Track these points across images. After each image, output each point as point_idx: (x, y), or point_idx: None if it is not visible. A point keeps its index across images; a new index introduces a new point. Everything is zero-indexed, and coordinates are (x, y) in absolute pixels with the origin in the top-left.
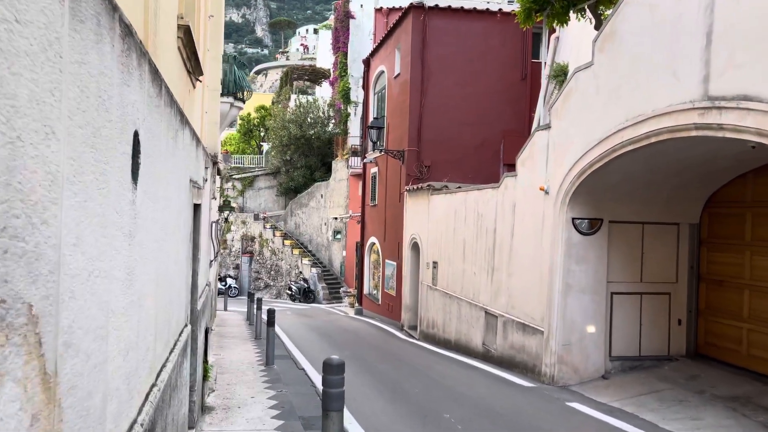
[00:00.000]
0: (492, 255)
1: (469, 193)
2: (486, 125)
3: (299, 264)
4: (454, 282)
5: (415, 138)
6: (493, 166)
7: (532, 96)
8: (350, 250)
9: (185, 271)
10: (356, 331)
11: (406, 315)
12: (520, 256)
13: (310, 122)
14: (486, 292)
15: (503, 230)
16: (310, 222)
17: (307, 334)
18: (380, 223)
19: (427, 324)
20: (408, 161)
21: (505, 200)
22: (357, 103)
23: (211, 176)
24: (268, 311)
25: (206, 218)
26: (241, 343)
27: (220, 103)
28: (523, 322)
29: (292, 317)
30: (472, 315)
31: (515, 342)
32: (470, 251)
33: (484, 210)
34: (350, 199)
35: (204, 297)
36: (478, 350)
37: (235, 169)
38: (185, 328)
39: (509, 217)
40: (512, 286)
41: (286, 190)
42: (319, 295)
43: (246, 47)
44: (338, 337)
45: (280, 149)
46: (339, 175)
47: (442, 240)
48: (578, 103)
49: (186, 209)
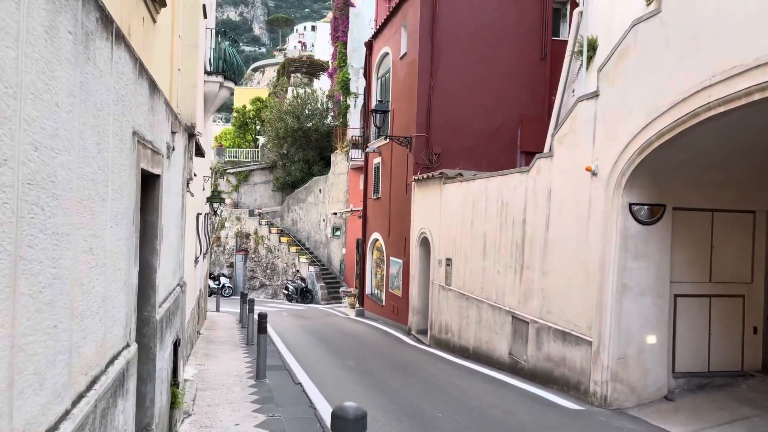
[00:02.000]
0: (521, 250)
1: (491, 179)
2: (501, 109)
3: (296, 262)
4: (472, 281)
5: (423, 123)
6: (509, 155)
7: (552, 77)
8: (350, 248)
9: (123, 265)
10: (359, 335)
11: (414, 318)
12: (558, 251)
13: (308, 114)
14: (513, 294)
15: (535, 221)
16: (308, 218)
17: (305, 338)
18: (384, 218)
19: (439, 328)
20: (416, 149)
21: (537, 186)
22: (357, 94)
23: (187, 150)
24: (259, 315)
25: (176, 199)
26: (230, 350)
27: (207, 82)
28: (562, 329)
29: (289, 319)
30: (496, 320)
31: (553, 353)
32: (492, 246)
33: (511, 198)
34: (350, 193)
35: (172, 301)
36: (503, 361)
37: (229, 163)
38: (125, 351)
39: (543, 205)
40: (548, 287)
41: (283, 185)
42: (318, 296)
43: (244, 45)
44: (340, 343)
45: (276, 142)
46: (338, 169)
47: (456, 234)
48: (639, 62)
49: (125, 173)
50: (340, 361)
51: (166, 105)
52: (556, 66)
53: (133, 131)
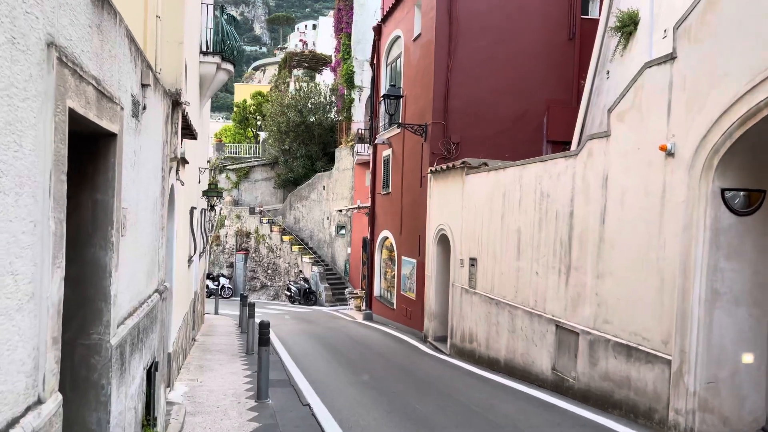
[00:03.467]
0: (566, 248)
1: (527, 167)
2: (526, 95)
3: (299, 262)
4: (502, 284)
5: (440, 109)
6: (534, 144)
7: (581, 59)
8: (356, 247)
9: (24, 267)
10: (370, 342)
11: (430, 323)
12: (618, 250)
13: (311, 108)
14: (557, 299)
15: (586, 214)
16: (311, 216)
17: (311, 346)
18: (395, 214)
19: (461, 336)
20: (432, 137)
21: (588, 172)
22: (361, 87)
23: (171, 122)
24: (260, 324)
25: (151, 180)
26: (227, 361)
27: (203, 63)
28: (626, 343)
29: (292, 323)
30: (534, 329)
31: (612, 371)
32: (528, 244)
33: (552, 188)
34: (356, 190)
35: (144, 314)
36: (544, 377)
37: (229, 159)
38: (29, 415)
39: (597, 195)
40: (605, 292)
41: (285, 182)
42: (321, 297)
43: (244, 45)
44: (350, 352)
45: (278, 137)
46: (343, 164)
47: (482, 230)
48: (737, 9)
49: (28, 104)
50: (353, 375)
51: (130, 41)
52: (585, 47)
53: (49, 41)
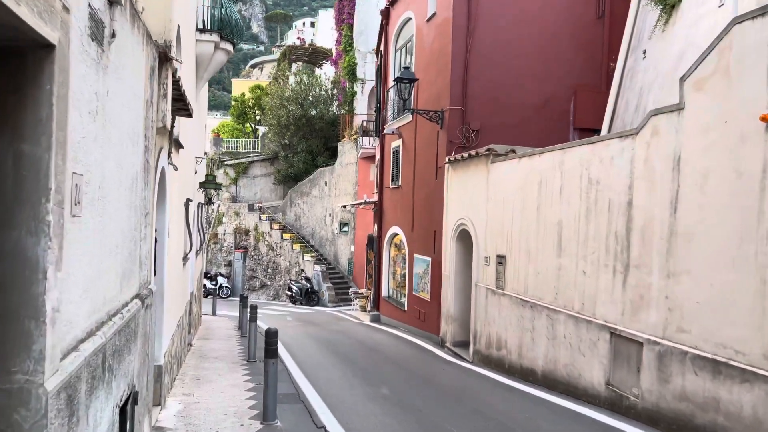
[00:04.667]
0: (623, 243)
1: (569, 151)
2: (551, 79)
3: (300, 261)
4: (538, 285)
5: (458, 94)
6: (560, 132)
7: (611, 40)
8: (359, 245)
9: None
10: (382, 348)
11: (449, 327)
12: (698, 244)
13: (312, 101)
14: (611, 303)
15: (650, 203)
16: (313, 213)
17: (318, 352)
18: (406, 209)
19: (487, 342)
20: (449, 125)
21: (653, 154)
22: (364, 80)
23: (156, 77)
24: (267, 333)
25: (124, 144)
26: (227, 371)
27: (200, 41)
28: (712, 357)
29: (295, 325)
30: (581, 336)
31: (692, 390)
32: (572, 239)
33: (604, 174)
34: (360, 185)
35: (115, 330)
36: (595, 392)
37: (227, 154)
38: None
39: (666, 179)
40: (679, 295)
41: (285, 178)
42: (324, 297)
43: (242, 43)
44: (362, 359)
45: (278, 131)
46: (346, 159)
47: (513, 225)
48: None
49: None
50: (370, 388)
51: None
52: (615, 26)
53: None
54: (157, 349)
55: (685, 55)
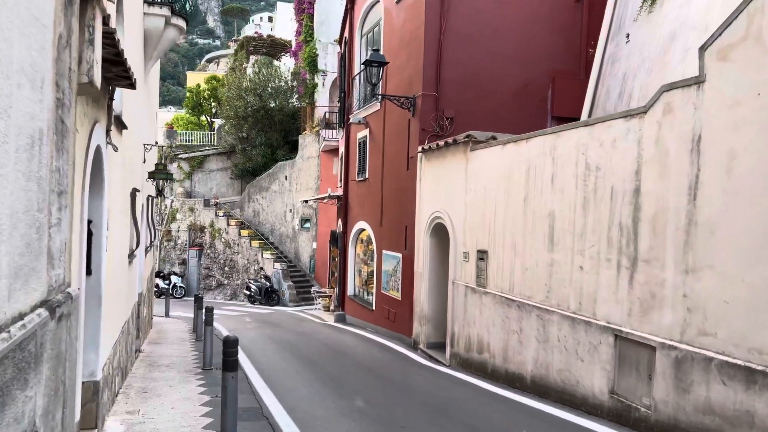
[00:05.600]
0: (630, 235)
1: (564, 134)
2: (529, 64)
3: (259, 258)
4: (526, 282)
5: (432, 79)
6: (537, 120)
7: (590, 25)
8: (322, 241)
9: None
10: (351, 351)
11: (422, 328)
12: (724, 235)
13: (271, 92)
14: (616, 302)
15: (663, 189)
16: (272, 209)
17: (281, 357)
18: (373, 203)
19: (467, 345)
20: (422, 112)
21: (666, 134)
22: (326, 71)
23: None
24: (225, 342)
25: (20, 74)
26: (180, 381)
27: (148, 15)
28: (744, 364)
29: (254, 327)
30: (579, 339)
31: (720, 401)
32: (567, 231)
33: (605, 159)
34: (322, 179)
35: None
36: (596, 402)
37: (181, 147)
38: None
39: (683, 162)
40: (701, 293)
41: (243, 172)
42: (285, 296)
43: (197, 38)
44: (331, 366)
45: (235, 123)
46: (307, 152)
47: (495, 217)
48: None
49: None
50: (343, 400)
51: None
52: (594, 11)
53: None
54: (93, 363)
55: (677, 36)
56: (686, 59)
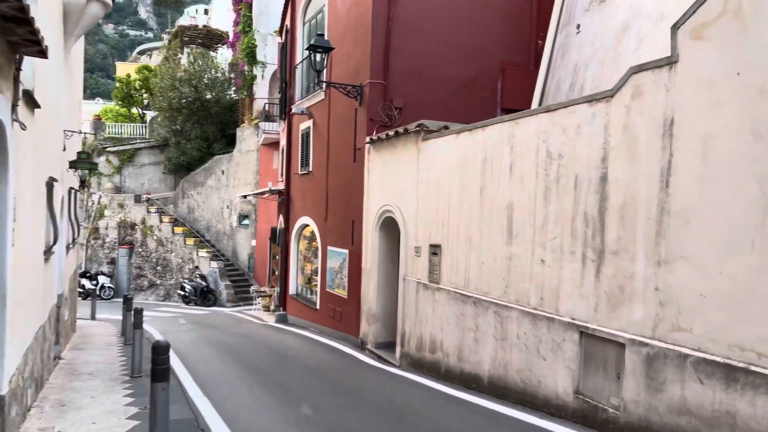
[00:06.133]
0: (596, 226)
1: (523, 121)
2: (479, 54)
3: (194, 257)
4: (483, 277)
5: (380, 67)
6: (488, 112)
7: (539, 17)
8: (262, 239)
9: None
10: (295, 353)
11: (370, 327)
12: (700, 224)
13: (207, 83)
14: (581, 297)
15: (633, 177)
16: (208, 205)
17: (220, 361)
18: (318, 197)
19: (418, 344)
20: (369, 101)
21: (635, 118)
22: (265, 63)
23: None
24: (154, 349)
25: None
26: (104, 391)
27: None
28: (724, 361)
29: (189, 329)
30: (540, 336)
31: (697, 401)
32: (527, 223)
33: (568, 146)
34: (262, 174)
35: None
36: (560, 403)
37: (110, 140)
38: None
39: (653, 147)
40: (675, 286)
41: (177, 167)
42: (222, 296)
43: (128, 29)
44: (274, 369)
45: (169, 115)
46: (246, 146)
47: (450, 209)
48: None
49: None
50: (289, 408)
51: None
52: (544, 2)
53: None
54: None
55: (631, 25)
56: (641, 48)
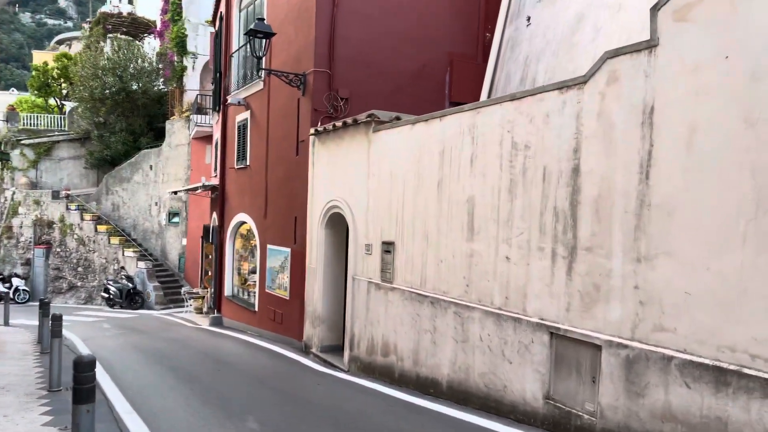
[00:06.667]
0: (568, 221)
1: (483, 111)
2: (427, 45)
3: (120, 257)
4: (441, 276)
5: (324, 55)
6: (436, 105)
7: (487, 8)
8: (193, 237)
9: None
10: (233, 359)
11: (315, 330)
12: (684, 218)
13: (134, 73)
14: (551, 295)
15: (609, 168)
16: (135, 202)
17: (150, 371)
18: (256, 193)
19: (369, 347)
20: (314, 91)
21: (611, 106)
22: (196, 54)
23: None
24: (76, 366)
25: None
26: (18, 409)
27: None
28: (713, 363)
29: (115, 335)
30: (506, 338)
31: (683, 407)
32: (489, 218)
33: (535, 137)
34: (193, 169)
35: None
36: (529, 409)
37: (25, 132)
38: None
39: (631, 137)
40: (657, 284)
41: (100, 161)
42: (150, 299)
43: (46, 18)
44: (212, 378)
45: (90, 106)
46: (176, 140)
47: (404, 205)
48: None
49: None
50: (232, 422)
51: None
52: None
53: None
54: None
55: (586, 16)
56: (597, 39)
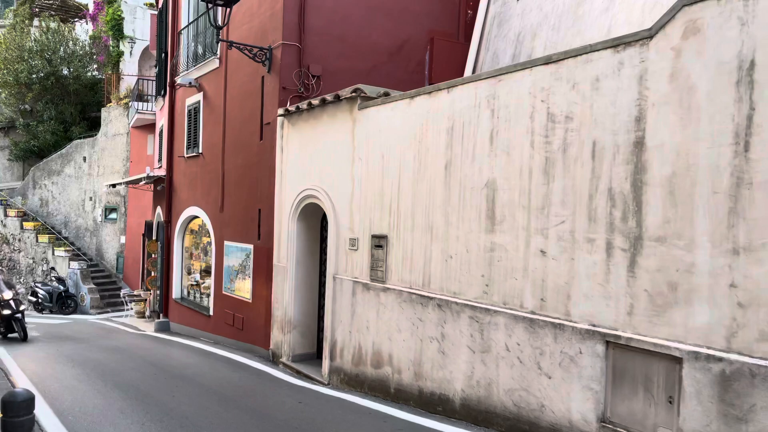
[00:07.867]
0: (630, 205)
1: (506, 79)
2: (406, 21)
3: (49, 257)
4: (451, 274)
5: (294, 27)
6: (415, 86)
7: None
8: (133, 234)
9: None
10: (190, 371)
11: (285, 336)
12: None
13: (65, 57)
14: (605, 296)
15: (687, 141)
16: (66, 197)
17: (92, 389)
18: (211, 183)
19: (356, 357)
20: (282, 67)
21: (689, 64)
22: (134, 39)
23: None
24: (5, 405)
25: None
26: None
27: None
28: None
29: (45, 345)
30: (543, 348)
31: None
32: (516, 205)
33: (581, 107)
34: (133, 161)
35: None
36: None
37: None
38: None
39: (721, 102)
40: (764, 281)
41: (26, 153)
42: (85, 302)
43: None
44: (168, 396)
45: (15, 92)
46: (113, 129)
47: (400, 192)
48: None
49: None
50: None
51: None
52: None
53: None
54: None
55: None
56: (612, 8)
